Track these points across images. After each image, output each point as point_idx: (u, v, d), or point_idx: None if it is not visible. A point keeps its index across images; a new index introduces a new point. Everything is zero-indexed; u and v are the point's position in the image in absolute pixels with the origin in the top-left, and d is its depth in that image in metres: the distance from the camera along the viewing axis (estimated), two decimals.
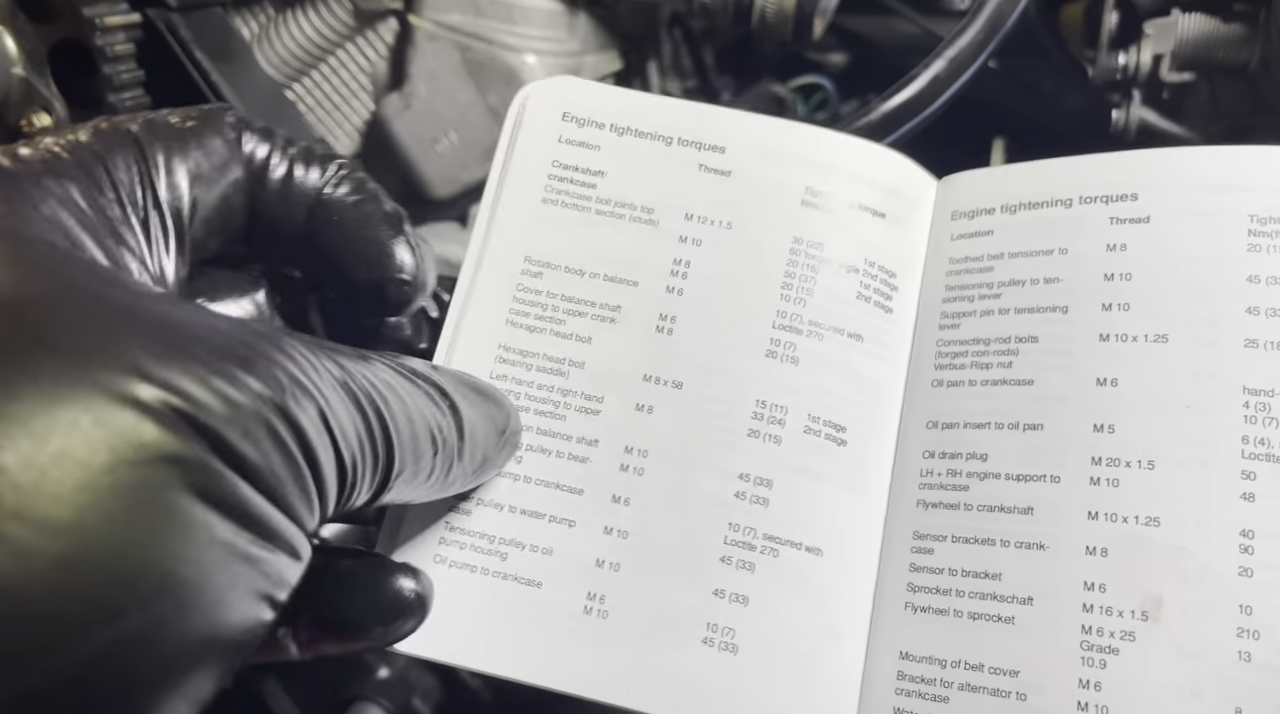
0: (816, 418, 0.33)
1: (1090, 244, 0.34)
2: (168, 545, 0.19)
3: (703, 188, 0.35)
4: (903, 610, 0.32)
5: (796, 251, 0.35)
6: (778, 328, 0.34)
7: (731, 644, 0.31)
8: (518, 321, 0.34)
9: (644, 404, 0.33)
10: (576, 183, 0.36)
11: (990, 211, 0.36)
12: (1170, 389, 0.31)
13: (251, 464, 0.20)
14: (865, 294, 0.35)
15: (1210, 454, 0.30)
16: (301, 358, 0.22)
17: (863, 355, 0.35)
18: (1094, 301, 0.33)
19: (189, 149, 0.27)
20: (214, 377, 0.20)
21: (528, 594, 0.32)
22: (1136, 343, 0.32)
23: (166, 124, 0.27)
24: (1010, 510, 0.32)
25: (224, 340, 0.21)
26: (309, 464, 0.21)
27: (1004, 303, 0.35)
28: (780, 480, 0.33)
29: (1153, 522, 0.30)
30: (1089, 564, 0.30)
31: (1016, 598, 0.31)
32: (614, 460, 0.33)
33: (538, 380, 0.34)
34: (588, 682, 0.31)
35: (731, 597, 0.31)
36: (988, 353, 0.34)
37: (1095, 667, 0.29)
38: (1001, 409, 0.33)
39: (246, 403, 0.20)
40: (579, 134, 0.36)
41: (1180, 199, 0.33)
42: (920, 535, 0.33)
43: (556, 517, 0.32)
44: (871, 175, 0.36)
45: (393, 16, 0.63)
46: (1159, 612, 0.29)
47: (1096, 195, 0.34)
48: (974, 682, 0.30)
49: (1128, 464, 0.31)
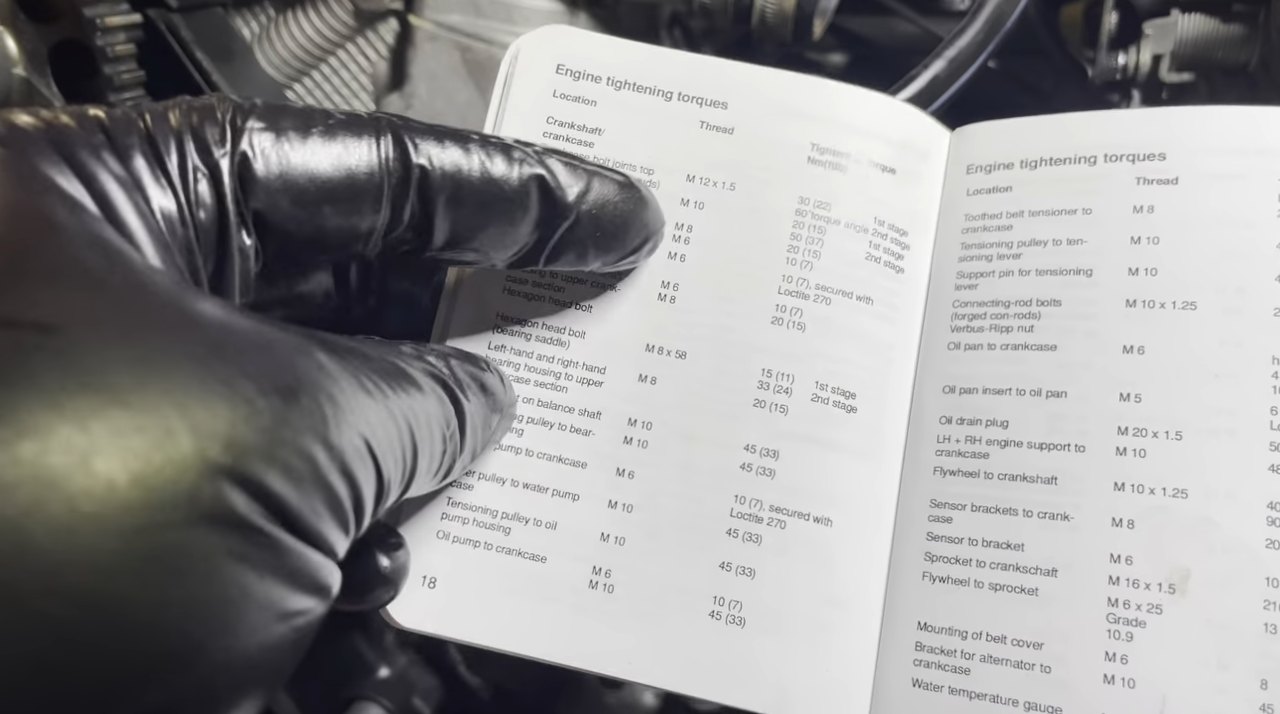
0: (824, 386, 0.32)
1: (1116, 205, 0.33)
2: (206, 613, 0.18)
3: (704, 147, 0.34)
4: (920, 580, 0.31)
5: (803, 212, 0.33)
6: (783, 293, 0.33)
7: (739, 617, 0.30)
8: (515, 289, 0.32)
9: (647, 375, 0.32)
10: (572, 142, 0.33)
11: (1009, 166, 0.35)
12: (1198, 357, 0.30)
13: (294, 511, 0.19)
14: (875, 254, 0.34)
15: (1238, 424, 0.30)
16: (345, 379, 0.21)
17: (873, 318, 0.33)
18: (1120, 265, 0.32)
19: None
20: (259, 417, 0.18)
21: (532, 569, 0.30)
22: (1164, 309, 0.31)
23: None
24: (1033, 480, 0.31)
25: (267, 364, 0.19)
26: (351, 495, 0.20)
27: (1024, 264, 0.33)
28: (787, 451, 0.32)
29: (1180, 493, 0.29)
30: (1115, 536, 0.30)
31: (1040, 569, 0.30)
32: (617, 433, 0.31)
33: (538, 350, 0.32)
34: (594, 656, 0.30)
35: (738, 569, 0.31)
36: (1008, 315, 0.33)
37: (1122, 639, 0.29)
38: (1023, 374, 0.32)
39: (291, 440, 0.19)
40: (574, 88, 0.34)
41: (1210, 161, 0.32)
42: (938, 504, 0.32)
43: (560, 490, 0.31)
44: (880, 129, 0.34)
45: (393, 17, 0.62)
46: (1186, 584, 0.29)
47: (1122, 153, 0.33)
48: (996, 653, 0.30)
49: (1155, 434, 0.30)
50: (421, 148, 0.25)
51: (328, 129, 0.24)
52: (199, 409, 0.17)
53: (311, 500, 0.19)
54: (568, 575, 0.30)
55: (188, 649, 0.17)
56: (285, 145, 0.24)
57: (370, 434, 0.21)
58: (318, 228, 0.24)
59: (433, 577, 0.30)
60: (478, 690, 0.53)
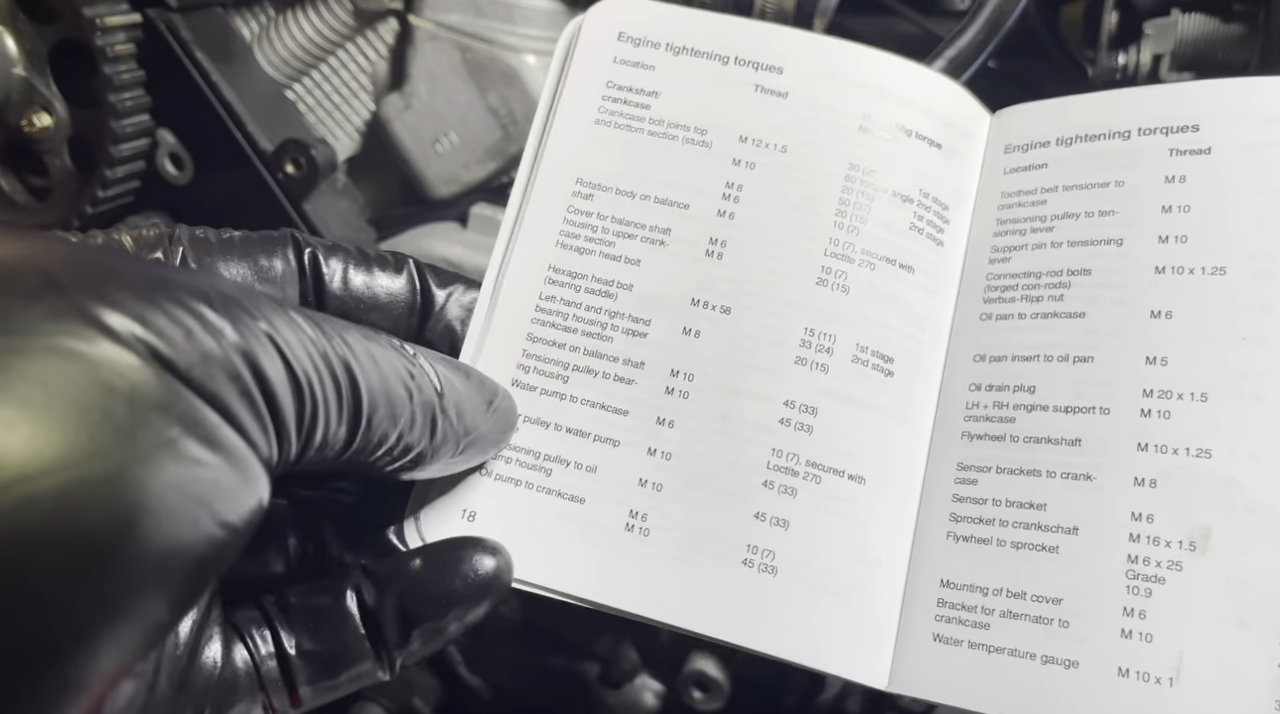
0: (865, 347, 0.33)
1: (1148, 176, 0.33)
2: (107, 439, 0.18)
3: (758, 109, 0.35)
4: (944, 540, 0.32)
5: (852, 178, 0.34)
6: (829, 256, 0.34)
7: (771, 566, 0.31)
8: (568, 243, 0.34)
9: (691, 328, 0.33)
10: (630, 103, 0.35)
11: (1045, 144, 0.36)
12: (1226, 322, 0.31)
13: (201, 384, 0.20)
14: (918, 225, 0.35)
15: (1265, 387, 0.30)
16: (258, 298, 0.22)
17: (913, 287, 0.34)
18: (1150, 234, 0.33)
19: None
20: (173, 306, 0.20)
21: (571, 509, 0.32)
22: (1194, 275, 0.32)
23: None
24: (1057, 442, 0.32)
25: (185, 281, 0.21)
26: (260, 386, 0.21)
27: (1056, 236, 0.34)
28: (826, 408, 0.33)
29: (1204, 453, 0.30)
30: (1137, 495, 0.30)
31: (1061, 528, 0.31)
32: (660, 383, 0.33)
33: (585, 301, 0.33)
34: (627, 596, 0.31)
35: (773, 520, 0.32)
36: (1039, 286, 0.34)
37: (1140, 595, 0.29)
38: (1052, 341, 0.33)
39: (197, 330, 0.20)
40: (634, 54, 0.36)
41: (1243, 130, 0.32)
42: (965, 466, 0.33)
43: (601, 436, 0.32)
44: (929, 104, 0.36)
45: (393, 16, 0.63)
46: (1207, 543, 0.29)
47: (1156, 127, 0.34)
48: (1015, 609, 0.30)
49: (1180, 396, 0.31)
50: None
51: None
52: (131, 299, 0.20)
53: (209, 369, 0.20)
54: (605, 517, 0.32)
55: (99, 490, 0.18)
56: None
57: (276, 333, 0.22)
58: None
59: (472, 511, 0.32)
60: (478, 691, 0.54)
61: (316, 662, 0.28)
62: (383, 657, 0.29)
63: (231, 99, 0.57)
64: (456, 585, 0.29)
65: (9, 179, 0.60)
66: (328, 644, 0.28)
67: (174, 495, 0.19)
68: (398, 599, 0.29)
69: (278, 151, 0.57)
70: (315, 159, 0.57)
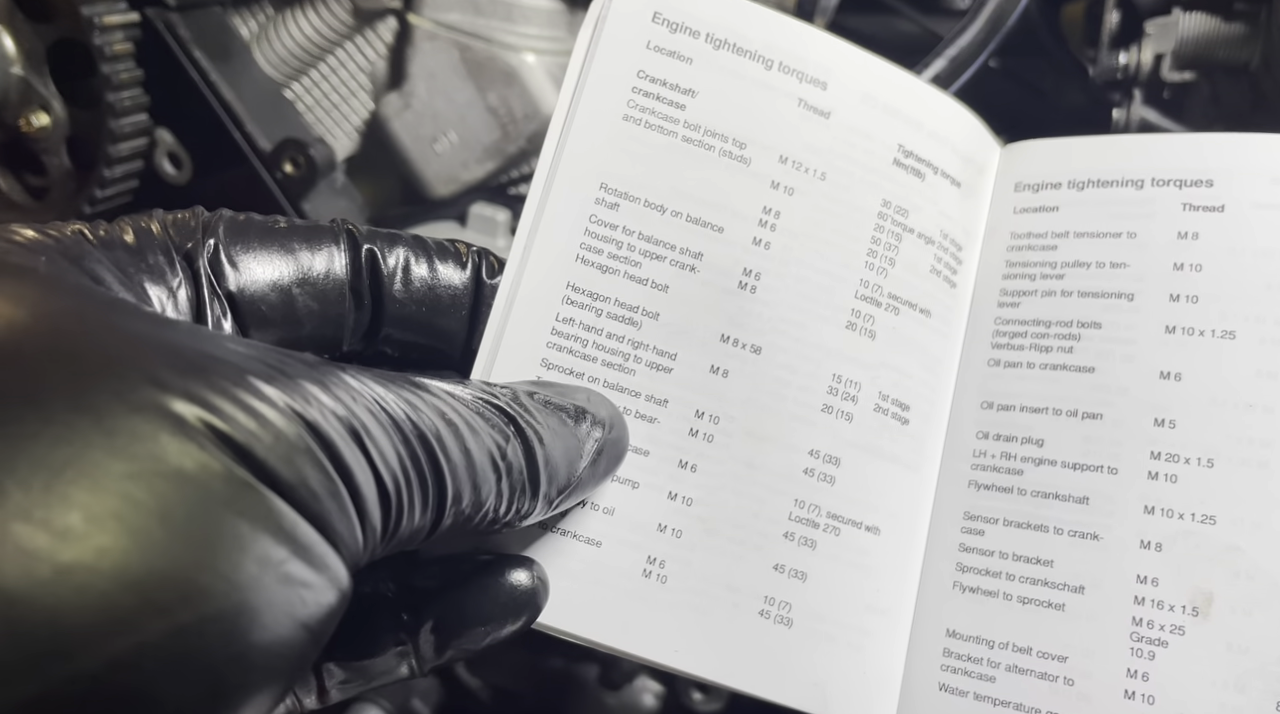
0: (886, 396, 0.32)
1: (1161, 230, 0.33)
2: (195, 556, 0.18)
3: (801, 127, 0.33)
4: (951, 589, 0.33)
5: (884, 216, 0.33)
6: (859, 298, 0.32)
7: (787, 618, 0.31)
8: (589, 258, 0.31)
9: (720, 367, 0.31)
10: (664, 100, 0.32)
11: (1056, 186, 0.36)
12: (1234, 387, 0.31)
13: (284, 479, 0.19)
14: (938, 268, 0.34)
15: (1270, 455, 0.31)
16: (331, 375, 0.21)
17: (930, 332, 0.34)
18: (1162, 291, 0.33)
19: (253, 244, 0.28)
20: (237, 389, 0.19)
21: (587, 552, 0.30)
22: (1203, 337, 0.32)
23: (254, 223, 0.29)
24: (1065, 499, 0.32)
25: (245, 358, 0.20)
26: (344, 481, 0.20)
27: (1067, 284, 0.34)
28: (848, 459, 0.32)
29: (1209, 520, 0.30)
30: (1143, 557, 0.31)
31: (1068, 586, 0.31)
32: (683, 424, 0.31)
33: (607, 327, 0.31)
34: (642, 643, 0.30)
35: (791, 572, 0.31)
36: (1048, 335, 0.34)
37: (1144, 658, 0.30)
38: (1060, 395, 0.33)
39: (272, 416, 0.19)
40: (670, 41, 0.32)
41: (1256, 189, 0.33)
42: (971, 516, 0.33)
43: (620, 476, 0.30)
44: (954, 138, 0.35)
45: (392, 16, 0.62)
46: (1209, 608, 0.30)
47: (1169, 178, 0.34)
48: (1021, 664, 0.31)
49: (1187, 460, 0.31)
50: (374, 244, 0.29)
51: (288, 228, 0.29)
52: (176, 379, 0.19)
53: (301, 475, 0.19)
54: (622, 562, 0.30)
55: (172, 593, 0.17)
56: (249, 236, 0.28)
57: (360, 427, 0.20)
58: (288, 307, 0.28)
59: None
60: (477, 692, 0.54)
61: (350, 669, 0.28)
62: (412, 667, 0.28)
63: (230, 98, 0.56)
64: (495, 601, 0.28)
65: (7, 179, 0.59)
66: (362, 653, 0.28)
67: (264, 611, 0.19)
68: (436, 612, 0.28)
69: (276, 151, 0.56)
70: (314, 158, 0.56)
